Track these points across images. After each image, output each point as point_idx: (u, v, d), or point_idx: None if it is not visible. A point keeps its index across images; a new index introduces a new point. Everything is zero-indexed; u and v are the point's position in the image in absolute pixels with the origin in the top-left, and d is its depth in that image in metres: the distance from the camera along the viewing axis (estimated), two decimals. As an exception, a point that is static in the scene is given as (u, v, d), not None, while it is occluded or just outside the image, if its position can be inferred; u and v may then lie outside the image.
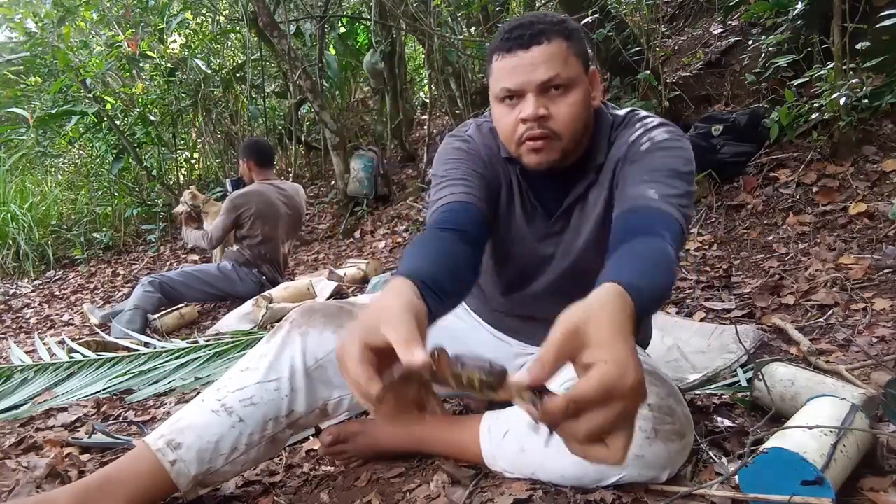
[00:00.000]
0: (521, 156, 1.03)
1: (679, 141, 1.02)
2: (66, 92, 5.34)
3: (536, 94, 0.96)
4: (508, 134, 1.02)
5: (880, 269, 1.90)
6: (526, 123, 0.98)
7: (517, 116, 0.99)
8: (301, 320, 1.10)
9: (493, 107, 1.04)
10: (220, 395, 1.04)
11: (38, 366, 2.27)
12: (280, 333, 1.09)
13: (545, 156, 1.00)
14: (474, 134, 1.15)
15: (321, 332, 1.08)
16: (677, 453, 0.97)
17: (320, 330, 1.08)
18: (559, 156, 1.01)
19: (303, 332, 1.08)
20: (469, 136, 1.15)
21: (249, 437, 1.04)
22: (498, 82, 1.00)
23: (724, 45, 3.69)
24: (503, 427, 1.06)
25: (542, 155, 1.00)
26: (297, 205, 3.49)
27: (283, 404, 1.05)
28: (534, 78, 0.96)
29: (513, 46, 0.97)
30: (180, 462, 1.00)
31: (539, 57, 0.95)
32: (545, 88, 0.97)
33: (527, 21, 0.98)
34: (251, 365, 1.07)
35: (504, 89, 0.98)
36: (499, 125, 1.04)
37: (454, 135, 1.17)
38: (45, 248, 5.47)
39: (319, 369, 1.06)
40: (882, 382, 1.21)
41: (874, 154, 2.49)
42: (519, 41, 0.96)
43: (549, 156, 1.00)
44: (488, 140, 1.14)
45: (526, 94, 0.97)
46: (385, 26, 5.18)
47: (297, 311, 1.13)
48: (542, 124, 0.97)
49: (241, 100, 5.93)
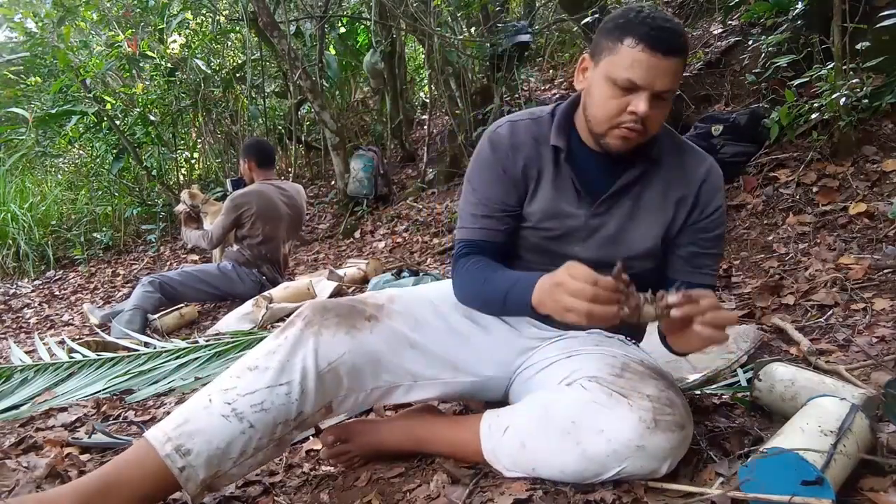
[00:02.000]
0: (608, 137, 1.08)
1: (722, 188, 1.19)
2: (66, 92, 5.34)
3: (651, 96, 1.02)
4: (608, 115, 1.06)
5: (880, 269, 1.90)
6: (632, 115, 1.03)
7: (626, 106, 1.03)
8: (315, 319, 1.08)
9: (601, 83, 1.06)
10: (229, 397, 1.02)
11: (38, 366, 2.27)
12: (292, 331, 1.07)
13: (629, 144, 1.07)
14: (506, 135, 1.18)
15: (334, 333, 1.07)
16: (677, 444, 0.97)
17: (333, 331, 1.07)
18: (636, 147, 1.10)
19: (316, 331, 1.06)
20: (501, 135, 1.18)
21: (259, 441, 1.03)
22: (624, 69, 1.02)
23: (724, 45, 3.69)
24: (503, 424, 1.06)
25: (629, 143, 1.07)
26: (298, 205, 3.49)
27: (293, 408, 1.04)
28: (658, 85, 1.01)
29: (656, 46, 1.00)
30: (189, 468, 0.99)
31: (671, 68, 1.01)
32: (658, 95, 1.03)
33: (672, 27, 1.02)
34: (260, 363, 1.05)
35: (629, 80, 1.02)
36: (601, 104, 1.07)
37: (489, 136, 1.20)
38: (45, 248, 5.47)
39: (331, 372, 1.06)
40: (882, 382, 1.21)
41: (874, 154, 2.49)
42: (664, 45, 1.00)
43: (632, 145, 1.08)
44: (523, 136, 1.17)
45: (643, 91, 1.02)
46: (385, 26, 5.18)
47: (309, 307, 1.12)
48: (643, 121, 1.04)
49: (241, 100, 5.93)
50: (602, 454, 0.95)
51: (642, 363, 1.06)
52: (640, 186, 1.15)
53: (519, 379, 1.20)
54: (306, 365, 1.04)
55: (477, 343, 1.20)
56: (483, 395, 1.26)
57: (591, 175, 1.15)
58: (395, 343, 1.12)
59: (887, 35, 2.33)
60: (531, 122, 1.19)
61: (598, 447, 0.96)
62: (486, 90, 4.81)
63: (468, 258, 1.16)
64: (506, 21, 4.81)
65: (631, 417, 0.95)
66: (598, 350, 1.12)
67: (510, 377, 1.23)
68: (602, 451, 0.95)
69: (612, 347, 1.13)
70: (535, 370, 1.16)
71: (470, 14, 5.01)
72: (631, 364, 1.04)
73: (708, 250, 1.17)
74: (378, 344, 1.10)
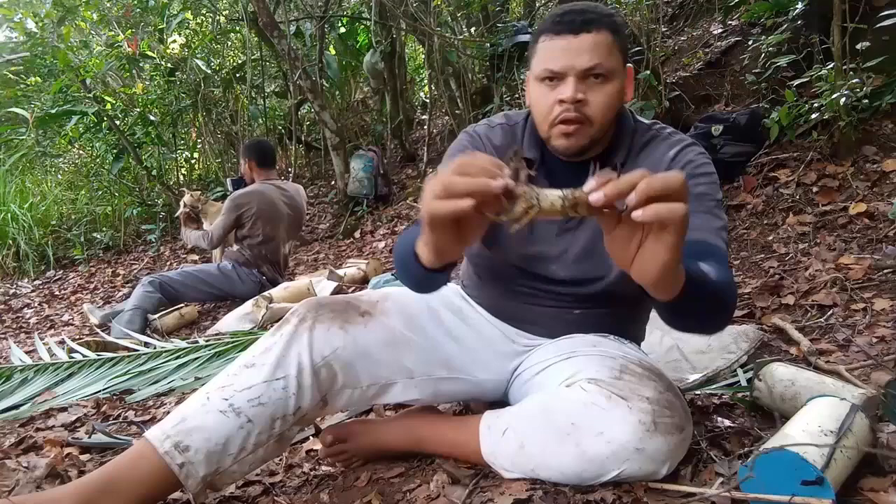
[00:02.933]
0: (552, 138, 1.05)
1: (712, 165, 1.08)
2: (66, 92, 5.33)
3: (577, 79, 0.99)
4: (544, 113, 1.04)
5: (880, 269, 1.90)
6: (562, 105, 1.00)
7: (555, 98, 1.01)
8: (309, 315, 1.09)
9: (532, 87, 1.06)
10: (226, 393, 1.03)
11: (38, 366, 2.27)
12: (286, 328, 1.08)
13: (575, 140, 1.03)
14: (483, 131, 1.17)
15: (328, 327, 1.08)
16: (677, 447, 0.97)
17: (328, 326, 1.08)
18: (587, 142, 1.04)
19: (310, 327, 1.07)
20: (476, 133, 1.18)
21: (258, 436, 1.03)
22: (541, 63, 1.02)
23: (724, 45, 3.69)
24: (503, 425, 1.06)
25: (573, 139, 1.03)
26: (299, 205, 3.49)
27: (290, 402, 1.04)
28: (577, 63, 0.99)
29: (562, 30, 0.99)
30: (189, 465, 0.99)
31: (586, 44, 0.98)
32: (586, 75, 0.99)
33: (579, 8, 1.01)
34: (257, 361, 1.06)
35: (547, 70, 1.00)
36: (535, 105, 1.06)
37: (467, 131, 1.20)
38: (45, 248, 5.47)
39: (326, 366, 1.06)
40: (882, 382, 1.21)
41: (874, 154, 2.49)
42: (570, 26, 0.99)
43: (578, 140, 1.03)
44: (498, 140, 1.16)
45: (567, 77, 1.00)
46: (385, 26, 5.18)
47: (303, 304, 1.12)
48: (578, 108, 1.00)
49: (241, 100, 5.93)
50: (601, 456, 0.95)
51: (641, 364, 1.05)
52: None
53: (518, 381, 1.20)
54: (301, 360, 1.05)
55: (470, 344, 1.20)
56: (482, 396, 1.26)
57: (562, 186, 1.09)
58: (389, 339, 1.12)
59: (887, 35, 2.33)
60: (508, 128, 1.18)
61: (597, 449, 0.95)
62: (486, 90, 4.81)
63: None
64: (506, 21, 4.82)
65: (630, 420, 0.95)
66: (596, 351, 1.11)
67: (506, 380, 1.23)
68: (601, 453, 0.95)
69: (610, 348, 1.12)
70: (534, 371, 1.16)
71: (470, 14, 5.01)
72: (630, 365, 1.04)
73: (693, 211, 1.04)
74: (372, 339, 1.10)
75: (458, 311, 1.25)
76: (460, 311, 1.26)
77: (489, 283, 1.26)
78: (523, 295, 1.21)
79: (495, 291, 1.25)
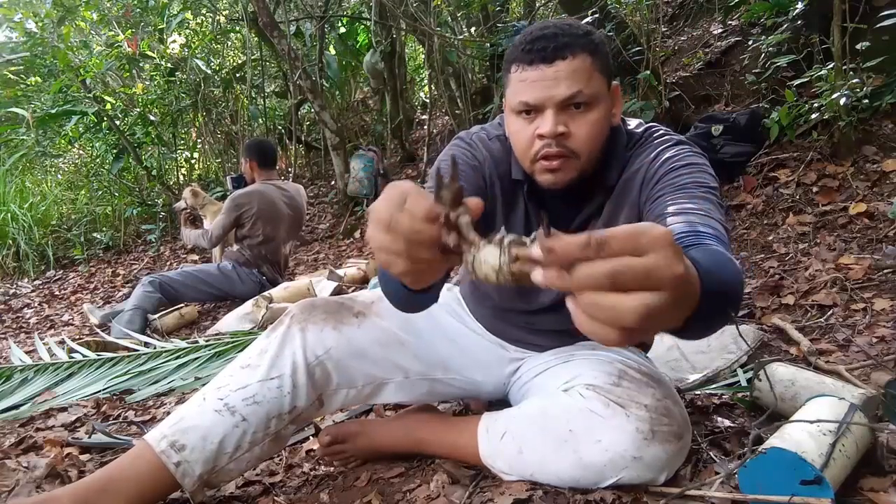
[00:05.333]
0: (535, 173, 0.97)
1: (700, 157, 0.98)
2: (66, 92, 5.33)
3: (556, 111, 0.91)
4: (523, 149, 0.97)
5: (880, 269, 1.90)
6: (543, 140, 0.93)
7: (534, 132, 0.94)
8: (301, 316, 1.10)
9: (509, 119, 0.99)
10: (221, 393, 1.04)
11: (38, 366, 2.27)
12: (280, 329, 1.09)
13: (561, 176, 0.95)
14: (481, 143, 1.09)
15: (321, 328, 1.08)
16: (675, 455, 0.97)
17: (321, 326, 1.08)
18: (576, 175, 0.96)
19: (303, 327, 1.08)
20: (475, 142, 1.09)
21: (253, 435, 1.04)
22: (516, 95, 0.94)
23: (724, 45, 3.69)
24: (501, 428, 1.06)
25: (559, 175, 0.95)
26: (299, 205, 3.49)
27: (285, 401, 1.05)
28: (555, 94, 0.90)
29: (534, 59, 0.91)
30: (185, 463, 1.00)
31: (562, 72, 0.90)
32: (566, 105, 0.92)
33: (550, 32, 0.92)
34: (252, 362, 1.07)
35: (522, 103, 0.93)
36: (514, 139, 0.99)
37: (462, 137, 1.11)
38: (45, 248, 5.47)
39: (320, 365, 1.07)
40: (882, 382, 1.21)
41: (874, 154, 2.49)
42: (542, 53, 0.90)
43: (565, 176, 0.95)
44: (497, 153, 1.08)
45: (545, 109, 0.92)
46: (385, 26, 5.18)
47: (297, 306, 1.13)
48: (560, 142, 0.92)
49: (241, 100, 5.93)
50: (599, 464, 0.95)
51: (640, 370, 1.03)
52: (598, 221, 1.05)
53: (517, 383, 1.21)
54: (296, 359, 1.05)
55: (468, 347, 1.21)
56: (480, 396, 1.26)
57: (555, 211, 1.04)
58: (383, 339, 1.12)
59: (887, 35, 2.32)
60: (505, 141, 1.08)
61: (595, 457, 0.95)
62: (486, 90, 4.82)
63: None
64: (506, 21, 4.81)
65: (628, 428, 0.94)
66: (594, 355, 1.10)
67: (504, 381, 1.23)
68: (599, 460, 0.95)
69: (608, 352, 1.11)
70: (533, 374, 1.16)
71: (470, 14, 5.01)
72: (628, 371, 1.02)
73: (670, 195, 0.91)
74: (365, 339, 1.11)
75: (455, 314, 1.26)
76: (458, 315, 1.26)
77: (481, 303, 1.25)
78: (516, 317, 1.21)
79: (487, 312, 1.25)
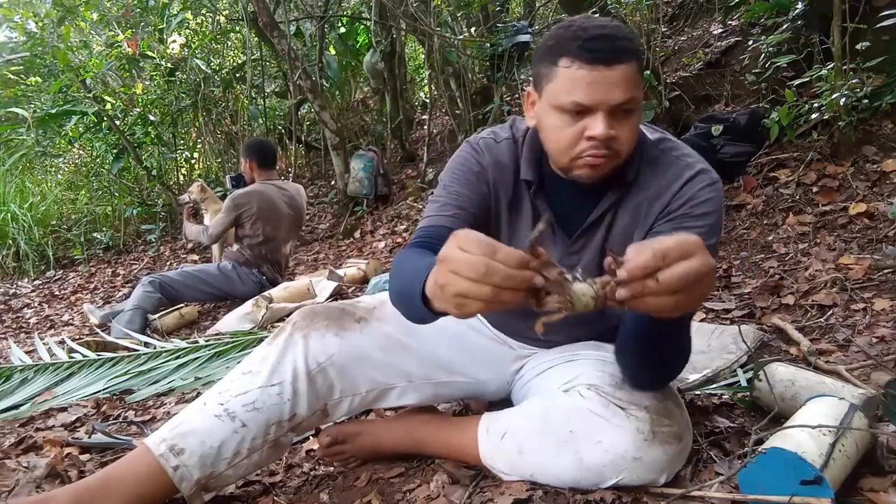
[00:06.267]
0: (573, 168, 0.98)
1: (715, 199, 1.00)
2: (66, 92, 5.33)
3: (607, 114, 0.91)
4: (564, 147, 0.96)
5: (880, 269, 1.90)
6: (591, 142, 0.93)
7: (581, 132, 0.93)
8: (303, 323, 1.09)
9: (549, 114, 0.96)
10: (222, 398, 1.04)
11: (38, 366, 2.27)
12: (282, 336, 1.09)
13: (601, 171, 0.97)
14: (487, 149, 1.09)
15: (323, 335, 1.08)
16: (675, 456, 0.97)
17: (322, 333, 1.08)
18: (610, 171, 0.98)
19: (305, 334, 1.07)
20: (481, 148, 1.09)
21: (252, 441, 1.03)
22: (568, 93, 0.91)
23: (724, 45, 3.69)
24: (501, 428, 1.06)
25: (598, 171, 0.96)
26: (299, 205, 3.49)
27: (285, 408, 1.04)
28: (611, 98, 0.90)
29: (593, 59, 0.89)
30: (183, 467, 1.00)
31: (620, 78, 0.90)
32: (616, 109, 0.92)
33: (609, 33, 0.91)
34: (253, 368, 1.07)
35: (575, 103, 0.91)
36: (553, 135, 0.97)
37: (470, 142, 1.11)
38: (45, 248, 5.47)
39: (322, 373, 1.06)
40: (882, 382, 1.21)
41: (874, 154, 2.49)
42: (602, 55, 0.89)
43: (603, 171, 0.97)
44: (503, 157, 1.08)
45: (597, 111, 0.91)
46: (385, 26, 5.18)
47: (299, 313, 1.13)
48: (608, 144, 0.93)
49: (241, 100, 5.93)
50: (599, 465, 0.95)
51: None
52: (612, 215, 1.06)
53: (520, 382, 1.20)
54: (297, 366, 1.05)
55: (470, 346, 1.20)
56: (483, 395, 1.26)
57: (565, 208, 1.06)
58: (386, 344, 1.12)
59: (887, 35, 2.33)
60: (513, 143, 1.10)
61: (595, 458, 0.95)
62: (486, 90, 4.81)
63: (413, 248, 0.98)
64: (506, 21, 4.82)
65: (629, 429, 0.94)
66: (598, 355, 1.10)
67: (508, 381, 1.23)
68: (599, 461, 0.95)
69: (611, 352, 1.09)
70: (535, 373, 1.16)
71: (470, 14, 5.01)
72: None
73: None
74: (368, 345, 1.10)
75: None
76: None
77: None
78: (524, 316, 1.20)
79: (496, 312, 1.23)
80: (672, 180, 1.02)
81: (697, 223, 0.99)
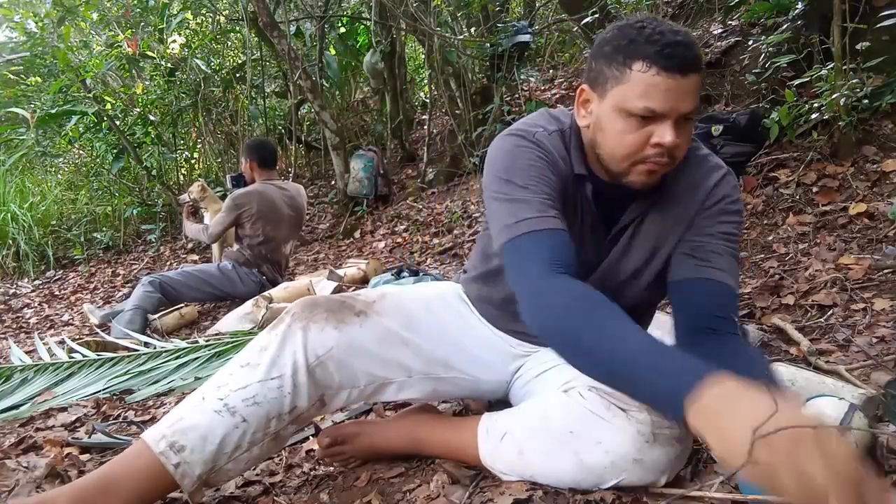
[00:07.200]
0: (630, 173, 0.98)
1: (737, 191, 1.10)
2: (66, 92, 5.33)
3: (675, 122, 0.92)
4: (630, 152, 0.95)
5: (880, 269, 1.90)
6: (657, 149, 0.93)
7: (647, 138, 0.93)
8: (302, 314, 1.08)
9: (613, 117, 0.95)
10: (221, 393, 1.03)
11: (38, 366, 2.27)
12: (281, 327, 1.08)
13: (655, 178, 0.99)
14: (545, 140, 1.06)
15: (322, 327, 1.07)
16: (676, 458, 0.96)
17: (321, 325, 1.07)
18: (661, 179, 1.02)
19: (304, 326, 1.07)
20: (540, 140, 1.06)
21: (253, 435, 1.03)
22: (640, 97, 0.91)
23: (724, 45, 3.69)
24: (501, 429, 1.06)
25: (654, 177, 0.98)
26: (299, 205, 3.49)
27: (285, 402, 1.04)
28: (682, 107, 0.91)
29: (671, 66, 0.89)
30: (184, 464, 0.99)
31: (692, 87, 0.92)
32: (681, 118, 0.93)
33: (683, 40, 0.91)
34: (252, 360, 1.06)
35: (647, 108, 0.91)
36: (616, 138, 0.96)
37: (518, 134, 1.06)
38: (45, 248, 5.47)
39: (321, 366, 1.06)
40: (882, 382, 1.21)
41: (874, 154, 2.49)
42: (679, 63, 0.89)
43: (656, 178, 0.99)
44: (559, 149, 1.07)
45: (666, 119, 0.92)
46: (385, 26, 5.18)
47: (298, 303, 1.12)
48: (671, 151, 0.94)
49: (241, 100, 5.93)
50: (599, 466, 0.95)
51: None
52: (644, 215, 1.09)
53: (519, 382, 1.20)
54: (297, 359, 1.04)
55: (470, 345, 1.20)
56: (482, 395, 1.26)
57: (605, 207, 1.08)
58: (385, 338, 1.11)
59: (887, 35, 2.32)
60: (561, 135, 1.08)
61: (595, 459, 0.95)
62: (486, 90, 4.81)
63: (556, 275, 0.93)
64: (506, 21, 4.81)
65: (629, 431, 0.94)
66: None
67: (507, 380, 1.23)
68: (599, 462, 0.95)
69: None
70: (535, 373, 1.16)
71: (470, 14, 5.01)
72: None
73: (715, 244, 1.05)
74: (367, 338, 1.10)
75: (457, 312, 1.25)
76: (460, 313, 1.25)
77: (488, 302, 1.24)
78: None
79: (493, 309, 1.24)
80: (703, 179, 1.08)
81: (734, 219, 1.08)
